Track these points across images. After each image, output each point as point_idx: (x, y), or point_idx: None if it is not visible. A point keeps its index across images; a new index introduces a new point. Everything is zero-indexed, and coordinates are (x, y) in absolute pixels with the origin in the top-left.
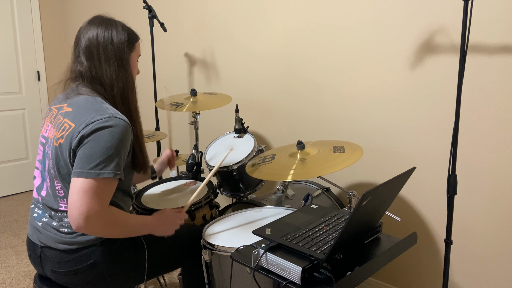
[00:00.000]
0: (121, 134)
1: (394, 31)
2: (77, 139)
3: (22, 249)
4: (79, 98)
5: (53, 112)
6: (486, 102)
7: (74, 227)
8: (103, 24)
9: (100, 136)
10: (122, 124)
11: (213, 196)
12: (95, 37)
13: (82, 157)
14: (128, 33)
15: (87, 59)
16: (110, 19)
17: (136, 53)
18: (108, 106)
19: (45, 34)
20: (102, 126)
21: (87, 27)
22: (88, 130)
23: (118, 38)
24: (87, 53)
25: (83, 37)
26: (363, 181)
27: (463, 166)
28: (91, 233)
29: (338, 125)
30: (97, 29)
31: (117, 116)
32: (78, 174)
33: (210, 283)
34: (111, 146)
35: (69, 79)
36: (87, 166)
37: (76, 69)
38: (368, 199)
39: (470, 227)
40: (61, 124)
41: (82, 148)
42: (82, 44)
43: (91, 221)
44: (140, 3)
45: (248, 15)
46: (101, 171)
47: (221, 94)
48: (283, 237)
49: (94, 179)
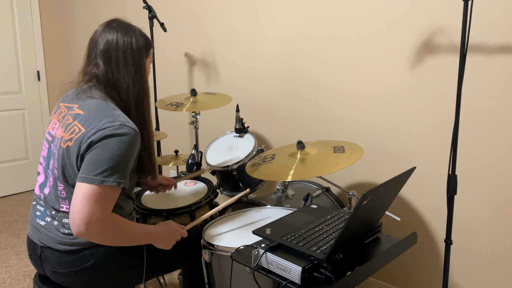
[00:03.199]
0: (130, 143)
1: (394, 31)
2: (86, 144)
3: (22, 249)
4: (91, 101)
5: (62, 110)
6: (486, 102)
7: (74, 232)
8: (122, 29)
9: (108, 143)
10: (132, 133)
11: (213, 196)
12: (115, 41)
13: (89, 162)
14: (145, 39)
15: (105, 62)
16: (128, 24)
17: (149, 59)
18: (119, 113)
19: (45, 34)
20: (111, 134)
21: (105, 31)
22: (98, 136)
23: (136, 44)
24: (105, 57)
25: (101, 40)
26: (363, 181)
27: (463, 166)
28: (91, 239)
29: (338, 125)
30: (117, 33)
31: (127, 125)
32: (83, 179)
33: (210, 283)
34: (118, 154)
35: (82, 81)
36: (93, 172)
37: (91, 71)
38: (368, 199)
39: (470, 227)
40: (70, 126)
41: (89, 154)
42: (100, 46)
43: (92, 227)
44: (140, 3)
45: (248, 15)
46: (106, 179)
47: (221, 94)
48: (283, 237)
49: (98, 186)
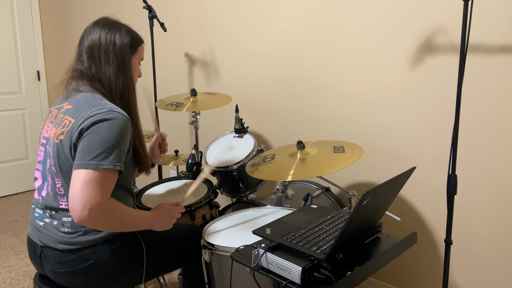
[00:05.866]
0: (120, 127)
1: (394, 31)
2: (77, 132)
3: (22, 249)
4: (78, 95)
5: (53, 113)
6: (486, 102)
7: (76, 219)
8: (107, 26)
9: (99, 128)
10: (121, 118)
11: (213, 196)
12: (98, 38)
13: (82, 149)
14: (131, 37)
15: (88, 59)
16: (115, 21)
17: (138, 56)
18: (107, 102)
19: (45, 34)
20: (101, 119)
21: (91, 28)
22: (88, 123)
23: (120, 41)
24: (89, 53)
25: (87, 37)
26: (363, 181)
27: (463, 166)
28: (92, 225)
29: (338, 125)
30: (101, 31)
31: (116, 110)
32: (78, 166)
33: (210, 283)
34: (110, 138)
35: (71, 77)
36: (87, 157)
37: (77, 68)
38: (368, 199)
39: (470, 227)
40: (61, 121)
41: (82, 141)
42: (85, 44)
43: (92, 212)
44: (140, 3)
45: (248, 15)
46: (101, 162)
47: (221, 94)
48: (283, 237)
49: (94, 170)
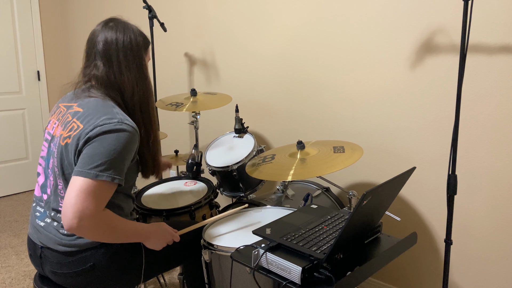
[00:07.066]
0: (127, 140)
1: (394, 31)
2: (84, 140)
3: (22, 249)
4: (90, 100)
5: (61, 110)
6: (486, 102)
7: (65, 226)
8: (121, 28)
9: (106, 139)
10: (130, 130)
11: (213, 196)
12: (114, 41)
13: (85, 156)
14: (143, 37)
15: (105, 64)
16: (126, 22)
17: (148, 57)
18: (118, 111)
19: (45, 34)
20: (109, 130)
21: (103, 30)
22: (96, 132)
23: (136, 43)
24: (104, 58)
25: (100, 40)
26: (363, 181)
27: (463, 166)
28: (81, 234)
29: (338, 125)
30: (116, 33)
31: (126, 122)
32: (77, 173)
33: (210, 283)
34: (115, 150)
35: (81, 82)
36: (87, 166)
37: (90, 72)
38: (368, 199)
39: (470, 227)
40: (69, 123)
41: (86, 148)
42: (99, 47)
43: (82, 221)
44: (140, 3)
45: (248, 15)
46: (100, 173)
47: (221, 94)
48: (283, 237)
49: (92, 180)
